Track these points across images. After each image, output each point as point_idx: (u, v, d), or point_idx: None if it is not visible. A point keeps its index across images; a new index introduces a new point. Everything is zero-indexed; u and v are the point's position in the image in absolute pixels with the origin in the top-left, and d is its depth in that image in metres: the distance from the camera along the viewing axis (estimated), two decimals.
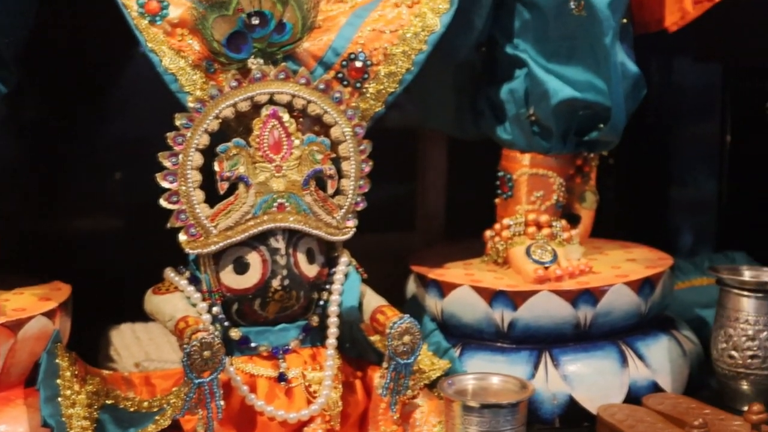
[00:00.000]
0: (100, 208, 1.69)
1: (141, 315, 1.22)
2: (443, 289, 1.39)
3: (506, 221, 1.43)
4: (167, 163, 1.17)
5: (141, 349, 1.45)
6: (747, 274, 1.38)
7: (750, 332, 1.33)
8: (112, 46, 1.51)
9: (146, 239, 1.28)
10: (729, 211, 2.03)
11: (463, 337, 1.38)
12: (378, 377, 1.21)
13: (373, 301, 1.24)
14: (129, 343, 1.47)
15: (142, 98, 1.57)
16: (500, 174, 1.45)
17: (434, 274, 1.41)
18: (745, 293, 1.33)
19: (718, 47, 1.97)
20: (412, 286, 1.46)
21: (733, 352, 1.34)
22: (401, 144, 1.68)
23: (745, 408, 1.21)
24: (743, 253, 1.86)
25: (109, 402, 1.23)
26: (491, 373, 1.25)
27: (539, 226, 1.42)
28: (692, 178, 2.06)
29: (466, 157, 1.58)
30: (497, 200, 1.46)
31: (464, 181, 1.67)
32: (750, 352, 1.33)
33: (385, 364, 1.19)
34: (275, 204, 1.18)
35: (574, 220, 1.51)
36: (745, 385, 1.34)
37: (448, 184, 1.71)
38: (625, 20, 1.38)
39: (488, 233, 1.45)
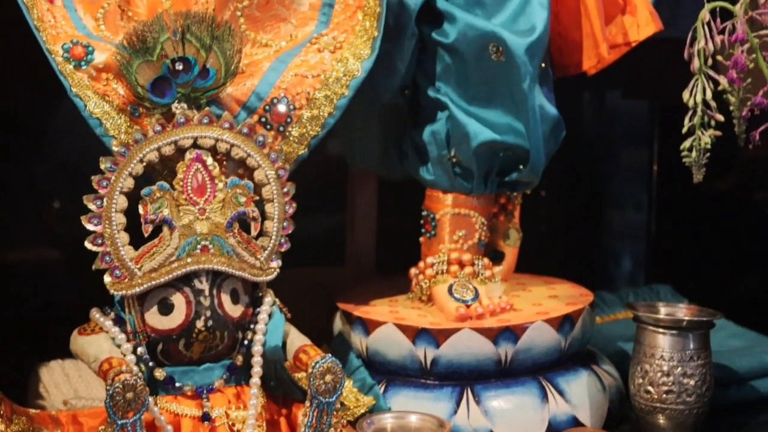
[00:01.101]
0: (31, 241, 1.69)
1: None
2: (368, 326, 1.41)
3: (429, 260, 1.46)
4: (92, 206, 1.19)
5: (70, 386, 1.46)
6: (663, 311, 1.41)
7: (665, 368, 1.36)
8: (49, 75, 1.52)
9: (79, 274, 1.29)
10: (657, 243, 2.08)
11: (388, 373, 1.40)
12: (301, 416, 1.23)
13: (296, 340, 1.26)
14: (58, 380, 1.48)
15: (81, 126, 1.58)
16: (424, 213, 1.48)
17: (360, 311, 1.43)
18: (661, 330, 1.37)
19: (645, 85, 2.03)
20: (338, 323, 1.48)
21: (650, 388, 1.37)
22: (331, 177, 1.71)
23: None
24: (668, 286, 1.90)
25: None
26: (410, 412, 1.27)
27: (462, 265, 1.45)
28: (621, 210, 2.11)
29: (397, 192, 1.61)
30: (421, 239, 1.49)
31: (395, 215, 1.70)
32: (665, 387, 1.36)
33: (307, 403, 1.21)
34: (199, 246, 1.20)
35: (498, 257, 1.55)
36: (661, 420, 1.37)
37: (378, 218, 1.74)
38: (543, 64, 1.41)
39: (413, 271, 1.48)
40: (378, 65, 1.33)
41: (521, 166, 1.42)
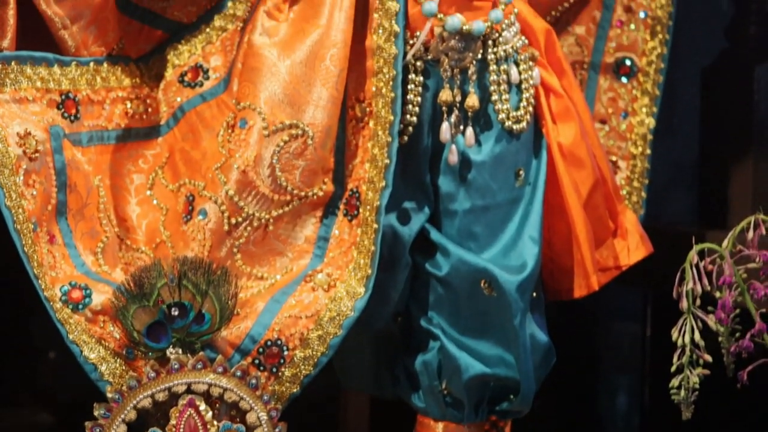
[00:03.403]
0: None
1: None
2: None
3: None
4: None
5: None
6: None
7: None
8: None
9: None
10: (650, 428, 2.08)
11: None
12: None
13: None
14: None
15: None
16: None
17: None
18: None
19: (637, 271, 2.05)
20: None
21: None
22: (323, 393, 1.71)
23: None
24: None
25: None
26: None
27: None
28: (614, 398, 2.11)
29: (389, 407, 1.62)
30: None
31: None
32: None
33: None
34: None
35: None
36: None
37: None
38: (535, 294, 1.43)
39: None
40: (371, 295, 1.35)
41: (512, 396, 1.43)
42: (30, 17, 1.32)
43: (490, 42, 1.38)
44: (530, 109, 1.42)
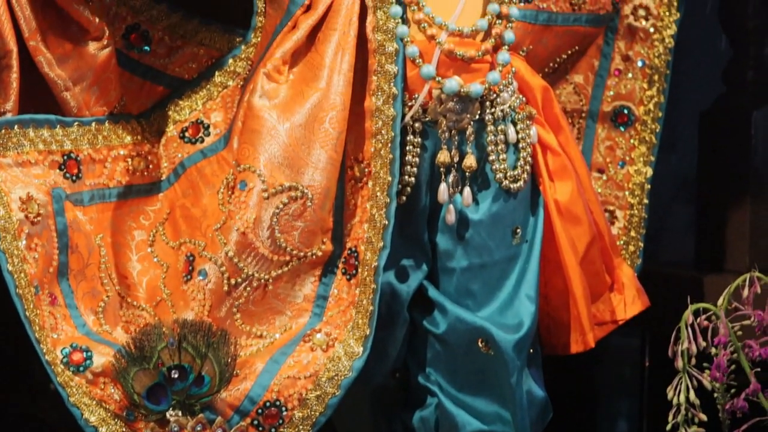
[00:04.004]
0: None
1: None
2: None
3: None
4: None
5: None
6: None
7: None
8: None
9: None
10: None
11: None
12: None
13: None
14: None
15: None
16: None
17: None
18: None
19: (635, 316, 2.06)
20: None
21: None
22: None
23: None
24: None
25: None
26: None
27: None
28: None
29: None
30: None
31: None
32: None
33: None
34: None
35: None
36: None
37: None
38: (531, 350, 1.45)
39: None
40: (370, 353, 1.36)
41: None
42: (32, 80, 1.33)
43: (487, 103, 1.40)
44: (527, 167, 1.44)
